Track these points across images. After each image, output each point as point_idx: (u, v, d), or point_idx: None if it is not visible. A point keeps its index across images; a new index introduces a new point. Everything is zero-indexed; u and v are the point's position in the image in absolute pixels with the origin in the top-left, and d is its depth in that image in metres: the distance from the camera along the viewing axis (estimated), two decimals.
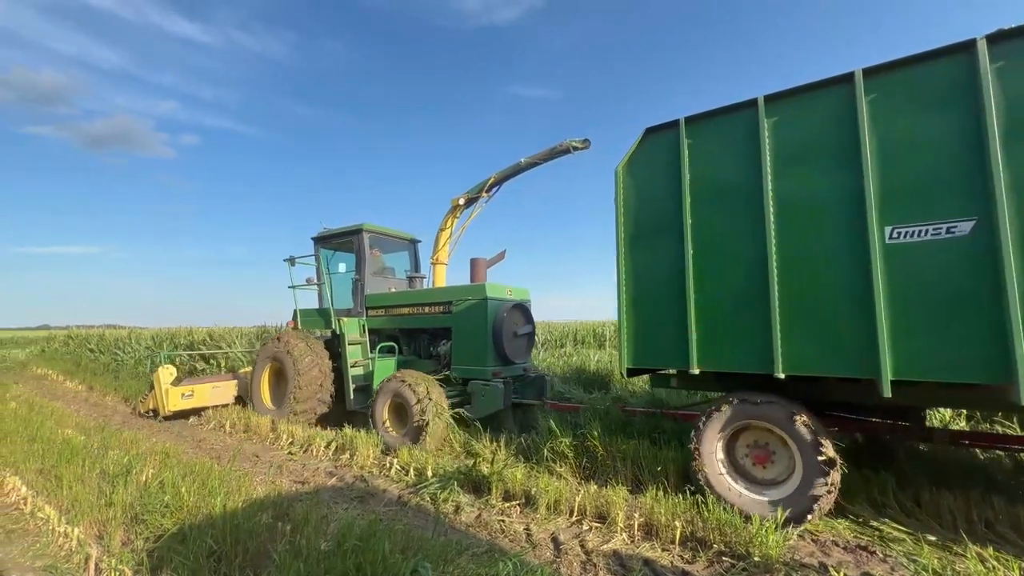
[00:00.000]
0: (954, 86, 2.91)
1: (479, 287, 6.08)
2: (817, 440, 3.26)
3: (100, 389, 10.81)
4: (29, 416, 6.83)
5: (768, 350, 3.35)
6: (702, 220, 3.74)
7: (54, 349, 19.85)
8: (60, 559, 3.09)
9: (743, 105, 3.59)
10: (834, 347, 3.17)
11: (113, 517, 3.43)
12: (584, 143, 7.01)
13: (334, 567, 2.50)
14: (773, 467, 3.55)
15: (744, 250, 3.54)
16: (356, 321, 7.04)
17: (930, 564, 2.71)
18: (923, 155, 2.98)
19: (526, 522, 3.58)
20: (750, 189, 3.52)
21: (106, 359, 15.11)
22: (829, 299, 3.21)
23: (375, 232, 7.38)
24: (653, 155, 4.01)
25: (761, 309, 3.41)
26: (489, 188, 7.87)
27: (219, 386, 7.84)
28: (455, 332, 6.22)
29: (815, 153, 3.32)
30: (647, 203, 4.04)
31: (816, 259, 3.27)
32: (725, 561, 2.95)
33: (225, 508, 3.26)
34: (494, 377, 5.73)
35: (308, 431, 6.08)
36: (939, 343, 2.86)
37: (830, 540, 3.19)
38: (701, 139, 3.80)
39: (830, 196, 3.24)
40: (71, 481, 4.07)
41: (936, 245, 2.89)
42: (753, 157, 3.51)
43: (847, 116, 3.19)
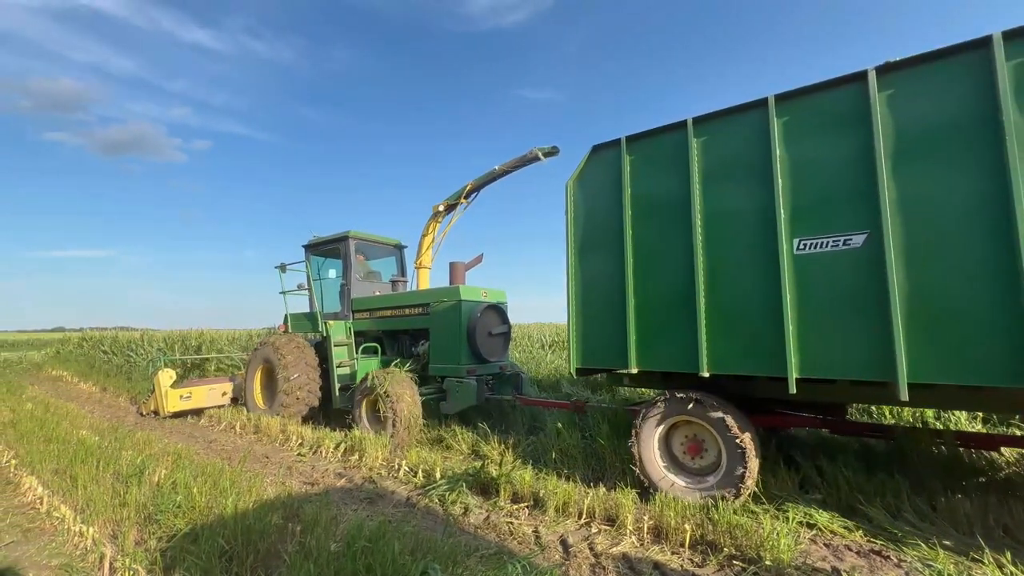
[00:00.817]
0: (850, 112, 3.19)
1: (454, 289, 6.35)
2: (736, 432, 3.54)
3: (113, 390, 10.97)
4: (45, 417, 6.96)
5: (695, 351, 3.65)
6: (641, 231, 4.05)
7: (68, 351, 20.15)
8: (75, 558, 3.14)
9: (675, 126, 3.88)
10: (750, 347, 3.46)
11: (127, 517, 3.48)
12: (552, 150, 7.22)
13: (344, 568, 2.51)
14: (704, 457, 3.84)
15: (676, 259, 3.82)
16: (342, 324, 7.30)
17: (945, 569, 2.67)
18: (825, 174, 3.27)
19: (535, 524, 3.57)
20: (681, 203, 3.81)
21: (119, 361, 15.32)
22: (746, 304, 3.50)
23: (361, 239, 7.72)
24: (599, 170, 4.32)
25: (689, 313, 3.71)
26: (467, 194, 8.11)
27: (215, 388, 8.27)
28: (432, 332, 6.51)
29: (735, 171, 3.62)
30: (593, 215, 4.36)
31: (736, 267, 3.57)
32: (736, 565, 2.92)
33: (236, 509, 3.29)
34: (468, 375, 5.98)
35: (317, 433, 6.12)
36: (838, 343, 3.15)
37: (843, 545, 3.14)
38: (640, 156, 4.09)
39: (748, 210, 3.54)
40: (86, 481, 4.13)
41: (835, 255, 3.18)
42: (683, 174, 3.80)
43: (762, 137, 3.47)
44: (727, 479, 3.59)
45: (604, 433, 4.64)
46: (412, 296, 7.08)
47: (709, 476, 3.75)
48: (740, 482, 3.52)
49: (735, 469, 3.55)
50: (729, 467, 3.60)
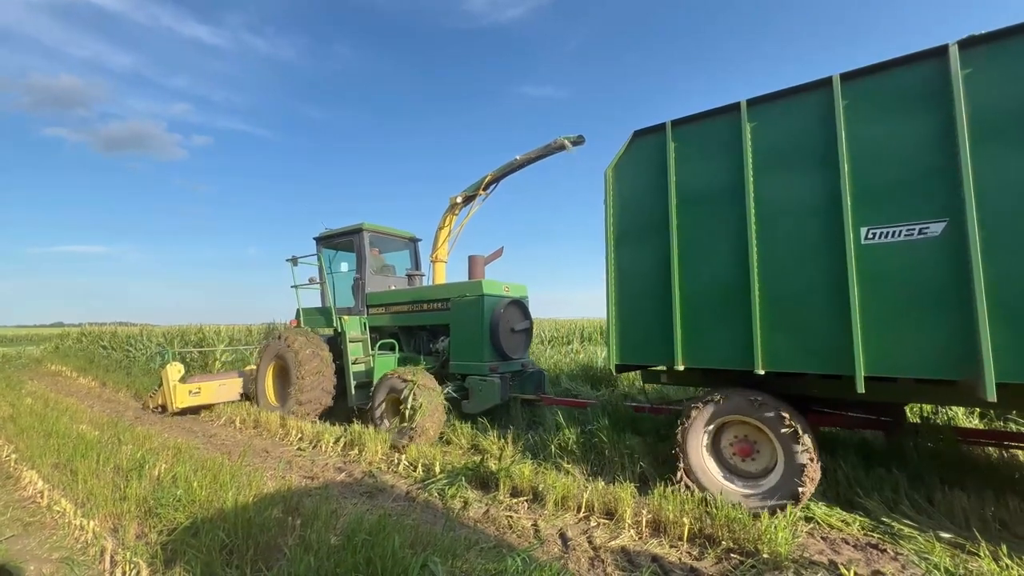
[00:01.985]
0: (926, 91, 2.96)
1: (475, 284, 6.14)
2: (798, 436, 3.34)
3: (113, 385, 10.97)
4: (44, 412, 6.96)
5: (749, 347, 3.44)
6: (687, 220, 3.83)
7: (68, 346, 20.17)
8: (76, 551, 3.15)
9: (726, 109, 3.66)
10: (811, 344, 3.26)
11: (127, 511, 3.49)
12: (578, 139, 6.98)
13: (344, 561, 2.52)
14: (756, 461, 3.64)
15: (727, 250, 3.61)
16: (357, 319, 7.13)
17: (942, 562, 2.69)
18: (897, 158, 3.04)
19: (534, 518, 3.59)
20: (733, 190, 3.59)
21: (118, 356, 15.34)
22: (806, 297, 3.29)
23: (375, 231, 7.48)
24: (641, 157, 4.11)
25: (742, 307, 3.50)
26: (486, 186, 7.91)
27: (225, 383, 7.98)
28: (452, 328, 6.30)
29: (795, 156, 3.40)
30: (635, 204, 4.14)
31: (794, 258, 3.35)
32: (734, 558, 2.94)
33: (236, 503, 3.30)
34: (491, 372, 5.79)
35: (317, 427, 6.13)
36: (911, 340, 2.94)
37: (840, 538, 3.16)
38: (687, 142, 3.88)
39: (808, 197, 3.32)
40: (86, 475, 4.14)
41: (909, 246, 2.97)
42: (736, 159, 3.58)
43: (825, 120, 3.25)
44: (784, 483, 3.38)
45: (604, 428, 4.66)
46: (431, 291, 6.87)
47: (762, 480, 3.55)
48: (800, 486, 3.31)
49: (794, 472, 3.34)
50: (787, 470, 3.38)
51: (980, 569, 2.61)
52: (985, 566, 2.61)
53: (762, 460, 3.61)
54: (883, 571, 2.76)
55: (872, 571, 2.78)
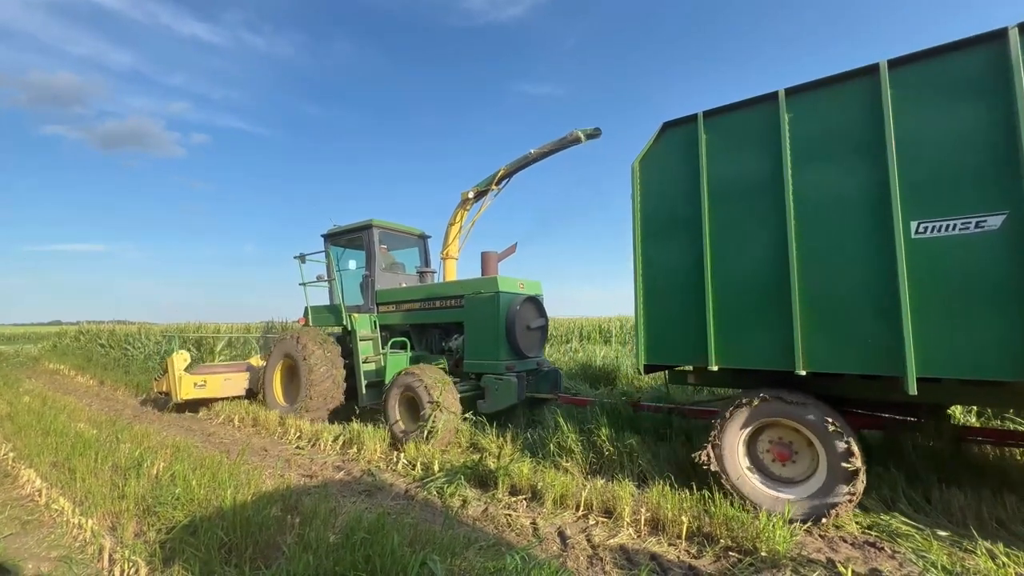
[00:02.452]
0: (983, 77, 2.81)
1: (491, 280, 5.99)
2: (844, 442, 3.19)
3: (111, 384, 10.96)
4: (42, 410, 6.94)
5: (789, 347, 3.30)
6: (721, 215, 3.68)
7: (65, 344, 20.11)
8: (74, 550, 3.15)
9: (763, 99, 3.51)
10: (857, 344, 3.11)
11: (126, 509, 3.48)
12: (595, 132, 6.83)
13: (343, 559, 2.52)
14: (795, 465, 3.50)
15: (764, 245, 3.47)
16: (367, 317, 7.00)
17: (939, 560, 2.70)
18: (951, 148, 2.89)
19: (532, 516, 3.59)
20: (770, 184, 3.45)
21: (116, 354, 15.30)
22: (852, 295, 3.14)
23: (384, 228, 7.34)
24: (670, 150, 3.96)
25: (781, 305, 3.35)
26: (499, 181, 7.77)
27: (231, 378, 7.83)
28: (467, 326, 6.15)
29: (838, 147, 3.25)
30: (664, 198, 3.98)
31: (838, 254, 3.20)
32: (732, 556, 2.95)
33: (235, 501, 3.30)
34: (508, 371, 5.65)
35: (316, 426, 6.13)
36: (966, 339, 2.80)
37: (838, 536, 3.17)
38: (720, 133, 3.72)
39: (853, 190, 3.17)
40: (84, 474, 4.14)
41: (965, 240, 2.81)
42: (773, 151, 3.44)
43: (871, 109, 3.11)
44: (828, 489, 3.23)
45: (603, 426, 4.66)
46: (445, 288, 6.67)
47: (802, 485, 3.40)
48: (845, 492, 3.16)
49: (838, 478, 3.19)
50: (831, 476, 3.23)
51: (977, 567, 2.62)
52: (982, 564, 2.62)
53: (801, 465, 3.47)
54: (881, 569, 2.77)
55: (870, 569, 2.79)
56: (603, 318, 18.86)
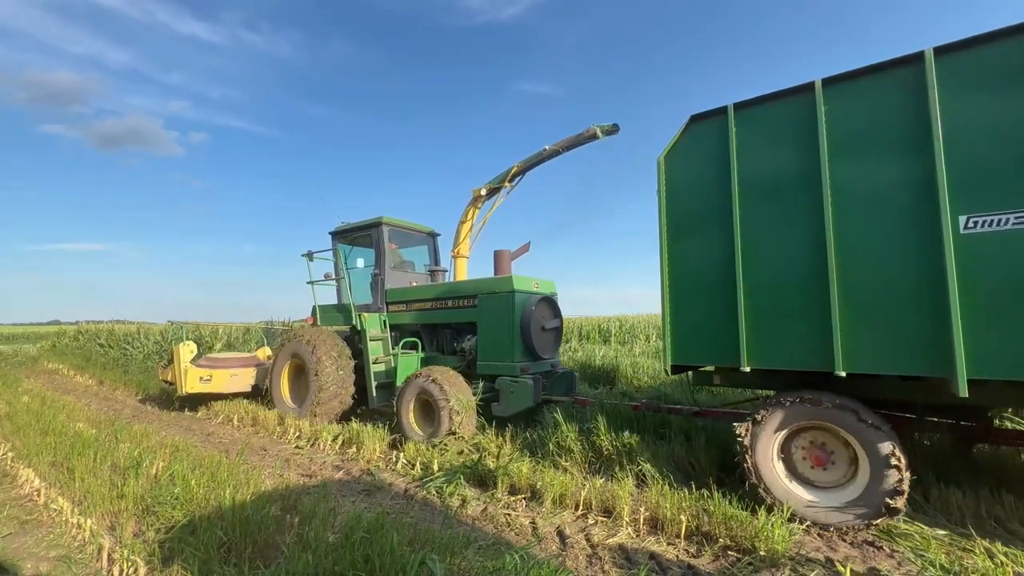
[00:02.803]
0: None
1: (506, 279, 5.86)
2: (888, 446, 3.08)
3: (110, 383, 10.95)
4: (41, 410, 6.93)
5: (827, 347, 3.17)
6: (753, 210, 3.56)
7: (64, 344, 20.10)
8: (73, 549, 3.15)
9: (798, 90, 3.40)
10: (901, 344, 2.99)
11: (125, 509, 3.48)
12: (613, 128, 6.68)
13: (342, 559, 2.52)
14: (833, 469, 3.38)
15: (799, 242, 3.36)
16: (376, 316, 6.86)
17: (938, 559, 2.70)
18: (1003, 138, 2.77)
19: (532, 516, 3.60)
20: (806, 178, 3.34)
21: (115, 354, 15.29)
22: (895, 293, 3.02)
23: (394, 225, 7.21)
24: (699, 143, 3.84)
25: (819, 304, 3.24)
26: (512, 178, 7.60)
27: (237, 374, 7.65)
28: (481, 326, 5.98)
29: (879, 139, 3.13)
30: (692, 194, 3.86)
31: (880, 251, 3.08)
32: (731, 555, 2.96)
33: (234, 500, 3.30)
34: (523, 373, 5.50)
35: (315, 425, 6.12)
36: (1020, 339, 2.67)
37: (837, 535, 3.18)
38: (751, 126, 3.60)
39: (895, 183, 3.05)
40: (83, 473, 4.13)
41: (1019, 235, 2.70)
42: (809, 144, 3.33)
43: (916, 98, 2.99)
44: (871, 495, 3.11)
45: (602, 426, 4.66)
46: (458, 287, 6.50)
47: (840, 491, 3.29)
48: (891, 498, 3.04)
49: (882, 483, 3.07)
50: (873, 480, 3.11)
51: (975, 565, 2.62)
52: (980, 563, 2.62)
53: (839, 469, 3.34)
54: (879, 568, 2.78)
55: (868, 568, 2.80)
56: (602, 317, 18.88)
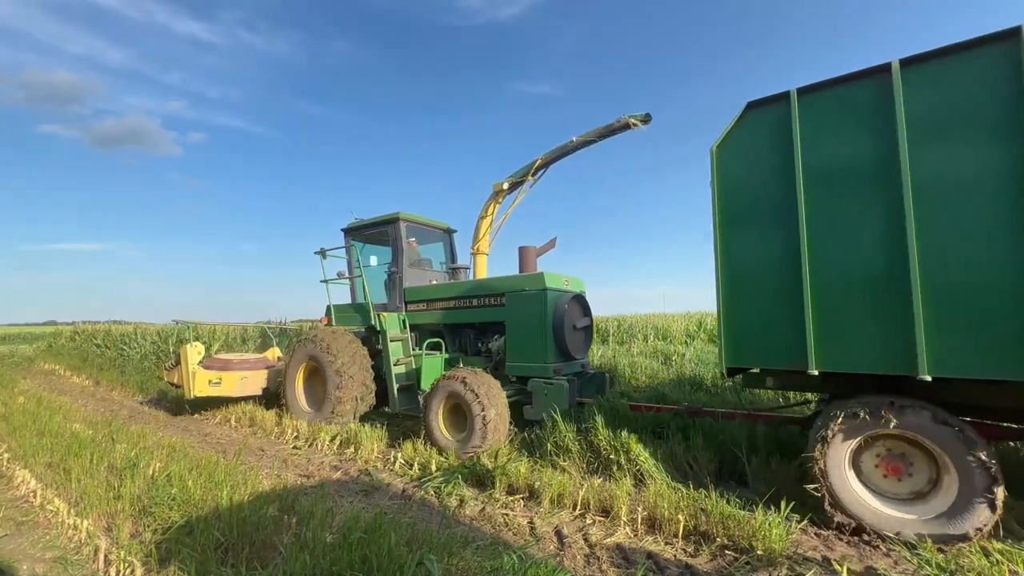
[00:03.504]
0: None
1: (537, 276, 5.56)
2: (978, 455, 2.88)
3: (107, 384, 10.91)
4: (37, 411, 6.91)
5: (909, 348, 2.96)
6: (819, 202, 3.34)
7: (60, 345, 20.01)
8: (70, 551, 3.14)
9: (871, 72, 3.19)
10: (998, 345, 2.77)
11: (121, 510, 3.47)
12: (646, 118, 6.41)
13: (340, 559, 2.52)
14: (910, 480, 3.18)
15: (874, 235, 3.14)
16: (396, 316, 6.58)
17: (934, 558, 2.71)
18: None
19: (530, 516, 3.60)
20: (881, 166, 3.12)
21: (112, 354, 15.23)
22: (989, 290, 2.81)
23: (411, 221, 6.93)
24: (757, 132, 3.62)
25: (899, 303, 3.01)
26: (535, 171, 7.29)
27: (248, 377, 7.27)
28: (509, 326, 5.67)
29: (968, 124, 2.92)
30: (749, 185, 3.64)
31: (971, 244, 2.86)
32: (728, 555, 2.96)
33: (231, 501, 3.30)
34: (555, 374, 5.27)
35: (313, 426, 6.11)
36: None
37: (834, 534, 3.19)
38: (817, 112, 3.39)
39: (988, 171, 2.84)
40: (79, 474, 4.12)
41: None
42: (885, 131, 3.11)
43: (1009, 78, 2.79)
44: (961, 507, 2.90)
45: (600, 425, 4.66)
46: (484, 285, 6.17)
47: (922, 503, 3.09)
48: (983, 509, 2.85)
49: (973, 495, 2.87)
50: (963, 493, 2.91)
51: (971, 564, 2.63)
52: (976, 561, 2.63)
53: (917, 480, 3.15)
54: (876, 567, 2.79)
55: (865, 567, 2.81)
56: (600, 317, 18.89)
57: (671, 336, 12.20)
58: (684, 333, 12.33)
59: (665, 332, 12.59)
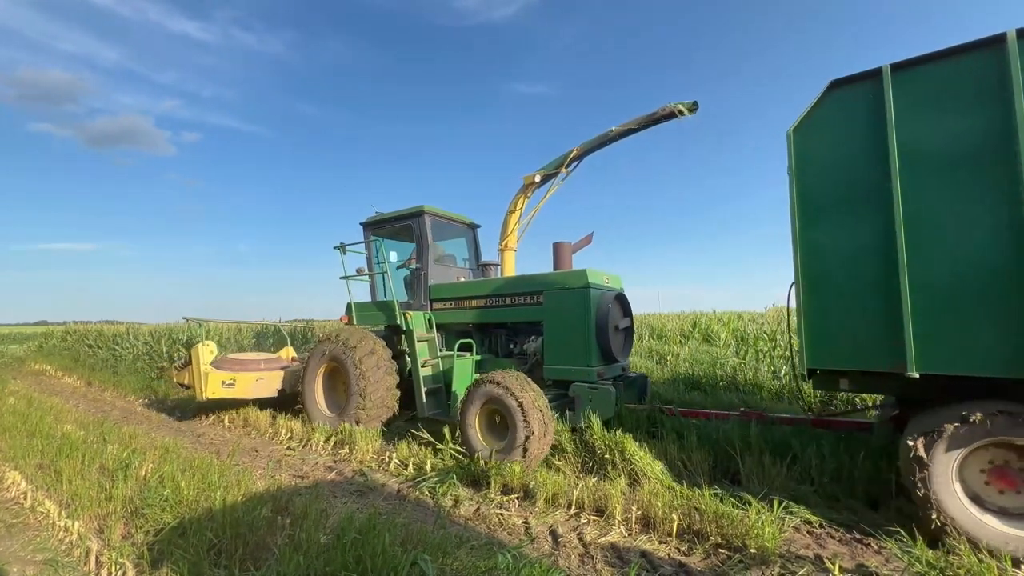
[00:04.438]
0: None
1: (579, 273, 5.18)
2: None
3: (99, 384, 10.81)
4: (28, 412, 6.84)
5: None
6: (918, 187, 3.07)
7: (52, 345, 19.80)
8: (61, 553, 3.11)
9: (982, 44, 2.94)
10: None
11: (113, 511, 3.44)
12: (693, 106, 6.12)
13: (334, 560, 2.51)
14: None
15: (987, 223, 2.88)
16: (422, 315, 6.22)
17: (924, 556, 2.74)
18: None
19: (524, 515, 3.60)
20: (995, 146, 2.87)
21: (104, 355, 15.08)
22: None
23: (436, 215, 6.58)
24: (841, 112, 3.37)
25: (1017, 295, 2.77)
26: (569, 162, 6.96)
27: (263, 378, 6.93)
28: (548, 326, 5.31)
29: None
30: (834, 170, 3.38)
31: None
32: (722, 553, 2.98)
33: (225, 502, 3.28)
34: (599, 378, 4.94)
35: (307, 426, 6.09)
36: None
37: (826, 532, 3.22)
38: (916, 89, 3.13)
39: None
40: (71, 475, 4.08)
41: None
42: (1000, 108, 2.86)
43: None
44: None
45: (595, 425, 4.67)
46: (519, 282, 5.75)
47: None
48: None
49: None
50: None
51: (960, 562, 2.66)
52: (965, 559, 2.66)
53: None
54: (867, 564, 2.82)
55: (856, 564, 2.83)
56: None
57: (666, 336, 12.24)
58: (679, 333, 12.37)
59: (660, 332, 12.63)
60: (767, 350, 8.70)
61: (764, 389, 6.79)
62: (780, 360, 7.69)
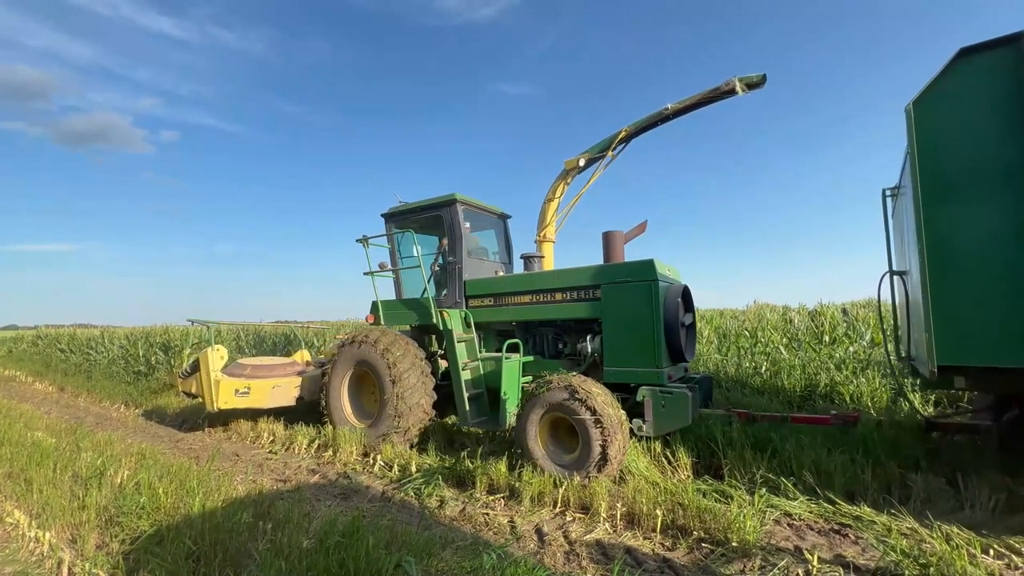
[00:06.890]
0: None
1: (646, 264, 4.59)
2: None
3: (72, 390, 10.51)
4: None
5: None
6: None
7: (22, 350, 19.16)
8: (31, 564, 3.00)
9: None
10: None
11: (87, 520, 3.34)
12: (760, 80, 5.68)
13: (316, 564, 2.48)
14: None
15: None
16: (458, 313, 5.66)
17: (899, 545, 2.81)
18: None
19: (510, 515, 3.60)
20: None
21: (78, 359, 14.64)
22: None
23: (468, 205, 5.96)
24: (972, 84, 3.07)
25: None
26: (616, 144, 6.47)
27: (280, 385, 6.25)
28: (607, 324, 4.76)
29: None
30: (965, 146, 3.09)
31: None
32: (705, 547, 3.02)
33: (204, 508, 3.21)
34: (670, 381, 4.46)
35: (289, 429, 5.99)
36: None
37: (805, 524, 3.28)
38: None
39: None
40: (41, 484, 3.94)
41: None
42: None
43: None
44: None
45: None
46: (572, 275, 5.14)
47: None
48: None
49: None
50: None
51: (933, 550, 2.74)
52: (938, 546, 2.74)
53: None
54: (845, 555, 2.88)
55: (835, 555, 2.90)
56: None
57: None
58: None
59: None
60: (748, 347, 8.85)
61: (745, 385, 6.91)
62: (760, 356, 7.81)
